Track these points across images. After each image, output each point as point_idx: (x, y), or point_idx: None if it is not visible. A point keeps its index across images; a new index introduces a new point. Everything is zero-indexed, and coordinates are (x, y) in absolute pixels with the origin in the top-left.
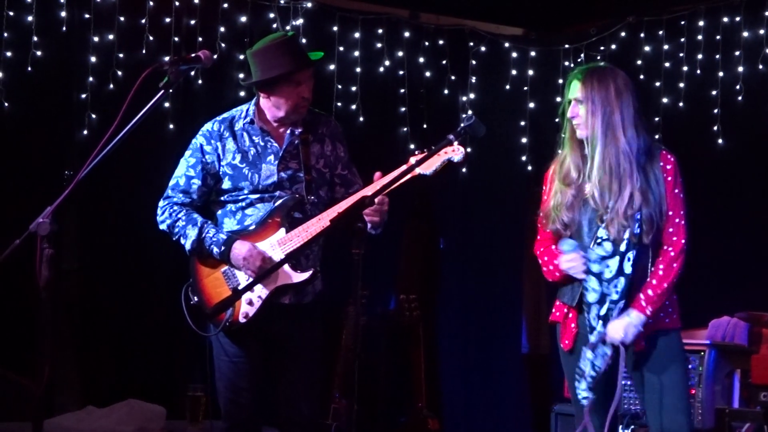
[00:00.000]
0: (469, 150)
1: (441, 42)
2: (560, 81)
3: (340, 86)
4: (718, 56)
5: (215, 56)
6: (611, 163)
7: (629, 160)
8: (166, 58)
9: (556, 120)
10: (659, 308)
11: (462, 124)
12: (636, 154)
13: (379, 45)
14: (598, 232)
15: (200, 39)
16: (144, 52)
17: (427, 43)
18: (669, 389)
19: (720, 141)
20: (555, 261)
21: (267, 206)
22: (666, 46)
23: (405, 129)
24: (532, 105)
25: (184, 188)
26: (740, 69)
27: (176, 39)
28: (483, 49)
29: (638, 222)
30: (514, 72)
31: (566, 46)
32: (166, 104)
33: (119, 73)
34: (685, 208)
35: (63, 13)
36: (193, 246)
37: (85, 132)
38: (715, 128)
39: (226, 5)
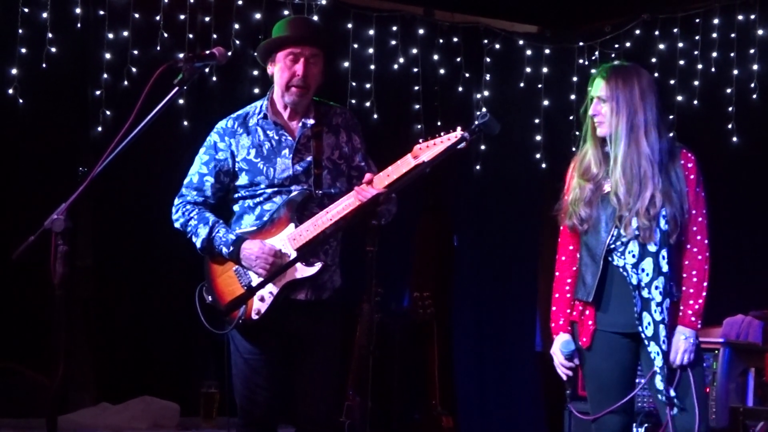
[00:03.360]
0: (483, 147)
1: (455, 39)
2: (575, 79)
3: (354, 83)
4: (732, 54)
5: (230, 53)
6: (633, 165)
7: (651, 162)
8: (181, 55)
9: (571, 118)
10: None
11: (476, 122)
12: (658, 155)
13: (393, 42)
14: (621, 231)
15: (215, 36)
16: (158, 49)
17: (441, 41)
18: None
19: (734, 139)
20: (554, 325)
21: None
22: (681, 44)
23: (419, 126)
24: (546, 102)
25: (197, 186)
26: (755, 67)
27: (191, 36)
28: (497, 46)
29: (665, 219)
30: (528, 69)
31: (581, 43)
32: (181, 101)
33: (134, 69)
34: (707, 207)
35: (78, 10)
36: (203, 245)
37: (100, 129)
38: (730, 126)
39: (240, 2)
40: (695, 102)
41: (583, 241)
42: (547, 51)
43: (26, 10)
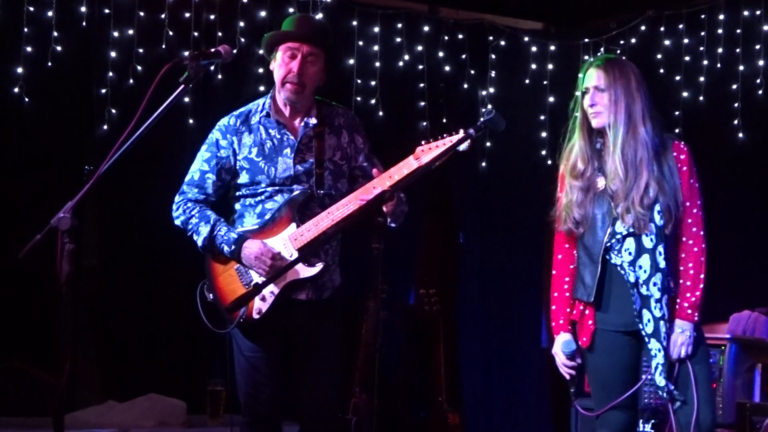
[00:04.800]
0: (488, 144)
1: (460, 36)
2: (580, 75)
3: (359, 81)
4: (738, 50)
5: (235, 51)
6: (629, 153)
7: (647, 150)
8: (186, 53)
9: (575, 114)
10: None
11: (482, 119)
12: (653, 145)
13: (398, 39)
14: (616, 227)
15: (220, 34)
16: (164, 47)
17: (446, 38)
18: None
19: (740, 135)
20: (554, 324)
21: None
22: (686, 40)
23: (424, 123)
24: (551, 99)
25: (198, 183)
26: (761, 63)
27: (196, 34)
28: (502, 43)
29: (660, 214)
30: (533, 66)
31: (586, 40)
32: (186, 99)
33: (139, 68)
34: (702, 198)
35: (83, 9)
36: (204, 243)
37: (105, 127)
38: (736, 122)
39: (245, 0)
40: (701, 98)
41: (580, 241)
42: (552, 48)
43: (31, 8)
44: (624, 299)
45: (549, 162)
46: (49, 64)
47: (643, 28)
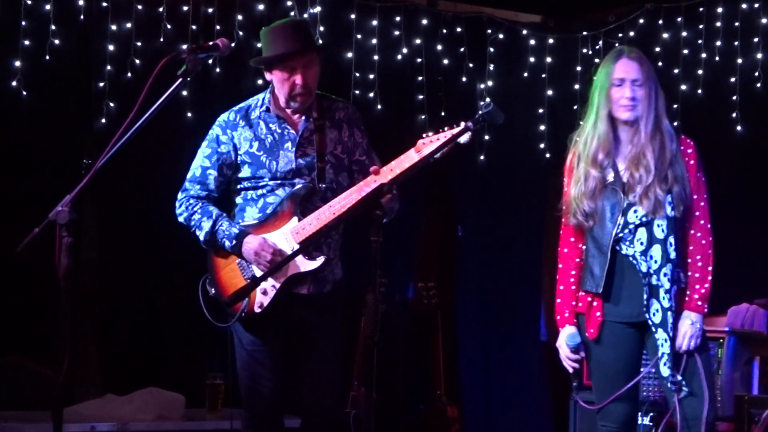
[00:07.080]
0: (487, 137)
1: (459, 29)
2: (578, 68)
3: (357, 74)
4: (736, 43)
5: (233, 44)
6: (656, 144)
7: (671, 140)
8: (184, 47)
9: (575, 107)
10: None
11: (480, 112)
12: (670, 136)
13: (396, 33)
14: (628, 217)
15: (218, 27)
16: (162, 40)
17: (444, 31)
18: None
19: (739, 128)
20: (560, 317)
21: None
22: (684, 33)
23: (423, 117)
24: (550, 92)
25: (200, 179)
26: (759, 56)
27: (194, 27)
28: (501, 36)
29: (671, 204)
30: (532, 59)
31: (584, 33)
32: (184, 92)
33: (137, 61)
34: (708, 191)
35: (81, 2)
36: (206, 239)
37: (104, 121)
38: (734, 115)
39: None
40: (699, 91)
41: (589, 233)
42: (550, 41)
43: (29, 2)
44: (633, 290)
45: (548, 155)
46: (47, 57)
47: (641, 21)
